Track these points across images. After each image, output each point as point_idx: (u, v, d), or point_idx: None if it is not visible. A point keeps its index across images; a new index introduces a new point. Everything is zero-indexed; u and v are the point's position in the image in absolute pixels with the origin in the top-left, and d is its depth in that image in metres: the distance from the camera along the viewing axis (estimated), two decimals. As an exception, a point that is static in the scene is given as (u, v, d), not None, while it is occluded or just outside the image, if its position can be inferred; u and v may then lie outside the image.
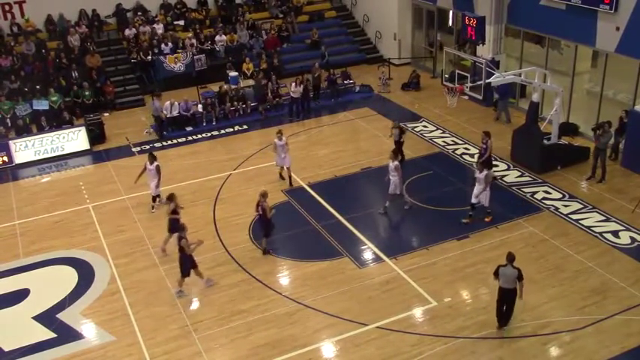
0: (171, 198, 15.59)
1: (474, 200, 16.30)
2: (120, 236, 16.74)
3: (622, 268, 14.43)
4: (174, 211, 15.52)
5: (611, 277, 14.14)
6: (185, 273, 14.19)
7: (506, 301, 12.55)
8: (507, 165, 19.43)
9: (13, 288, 14.89)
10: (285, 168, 18.80)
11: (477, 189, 16.19)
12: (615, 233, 15.74)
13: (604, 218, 16.39)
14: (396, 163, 16.65)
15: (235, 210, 17.53)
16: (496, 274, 12.40)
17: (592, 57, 21.29)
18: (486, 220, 16.40)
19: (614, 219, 16.31)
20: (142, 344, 12.90)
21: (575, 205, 17.05)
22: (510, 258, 12.26)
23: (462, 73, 20.68)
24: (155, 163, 17.43)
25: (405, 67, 28.38)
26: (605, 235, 15.70)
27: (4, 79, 24.38)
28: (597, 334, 12.52)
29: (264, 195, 15.25)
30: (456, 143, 21.11)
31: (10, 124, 23.11)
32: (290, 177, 18.82)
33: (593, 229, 15.98)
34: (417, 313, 13.44)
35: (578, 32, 20.18)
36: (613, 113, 19.45)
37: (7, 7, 26.87)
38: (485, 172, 16.07)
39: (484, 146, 18.11)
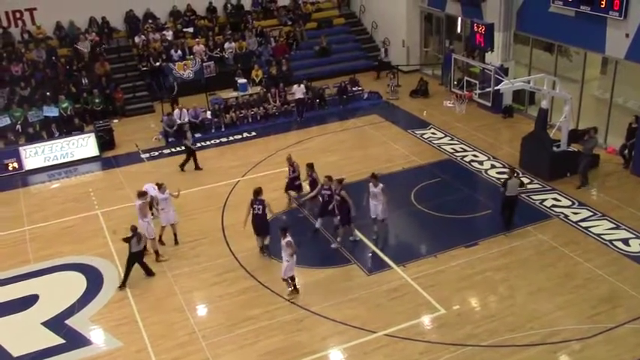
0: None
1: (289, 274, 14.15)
2: (128, 242, 16.80)
3: (632, 276, 14.32)
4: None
5: (621, 285, 14.04)
6: (346, 221, 15.54)
7: (509, 207, 16.05)
8: (516, 172, 19.32)
9: (22, 294, 14.94)
10: (169, 225, 16.30)
11: (283, 260, 13.92)
12: (625, 241, 15.63)
13: (614, 226, 16.28)
14: (381, 185, 15.54)
15: (244, 216, 17.52)
16: (504, 185, 15.91)
17: (601, 64, 21.22)
18: (287, 297, 14.10)
19: (624, 227, 16.19)
20: (150, 350, 12.91)
21: (585, 213, 16.96)
22: (511, 169, 16.34)
23: (471, 80, 20.66)
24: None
25: (415, 74, 28.38)
26: (615, 242, 15.59)
27: (15, 86, 24.59)
28: (607, 342, 12.42)
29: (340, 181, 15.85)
30: (465, 150, 21.06)
31: (20, 131, 23.29)
32: (176, 234, 16.35)
33: (602, 236, 15.87)
34: (426, 320, 13.39)
35: (587, 39, 20.12)
36: (623, 120, 19.38)
37: (17, 15, 27.14)
38: (288, 237, 13.69)
39: (310, 178, 16.99)
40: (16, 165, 21.31)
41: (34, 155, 21.52)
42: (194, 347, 12.91)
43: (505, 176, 16.85)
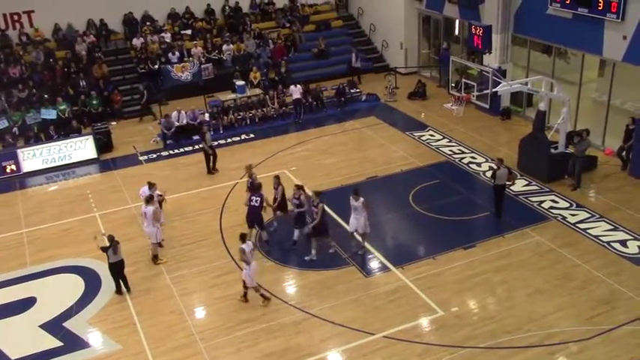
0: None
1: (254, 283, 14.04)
2: (126, 245, 16.69)
3: (630, 278, 14.33)
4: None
5: (619, 286, 14.05)
6: (323, 234, 15.58)
7: (499, 195, 16.72)
8: (514, 174, 19.36)
9: (20, 296, 14.92)
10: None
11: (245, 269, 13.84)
12: (623, 242, 15.65)
13: (612, 227, 16.30)
14: (362, 199, 15.22)
15: (242, 219, 17.46)
16: (494, 177, 16.67)
17: (599, 66, 21.27)
18: (261, 303, 14.03)
19: (622, 228, 16.21)
20: (149, 353, 12.90)
21: (583, 214, 16.97)
22: (499, 160, 16.70)
23: (469, 82, 20.68)
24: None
25: (413, 76, 28.41)
26: (613, 244, 15.60)
27: (12, 88, 24.57)
28: (606, 344, 12.42)
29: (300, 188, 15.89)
30: (463, 152, 21.08)
31: (18, 133, 23.26)
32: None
33: (600, 238, 15.89)
34: (424, 322, 13.38)
35: (585, 41, 20.15)
36: (620, 122, 19.42)
37: (15, 17, 27.18)
38: (242, 245, 13.54)
39: (276, 194, 16.52)
40: (14, 167, 21.29)
41: (32, 157, 21.49)
42: (193, 349, 12.90)
43: (491, 170, 17.30)
